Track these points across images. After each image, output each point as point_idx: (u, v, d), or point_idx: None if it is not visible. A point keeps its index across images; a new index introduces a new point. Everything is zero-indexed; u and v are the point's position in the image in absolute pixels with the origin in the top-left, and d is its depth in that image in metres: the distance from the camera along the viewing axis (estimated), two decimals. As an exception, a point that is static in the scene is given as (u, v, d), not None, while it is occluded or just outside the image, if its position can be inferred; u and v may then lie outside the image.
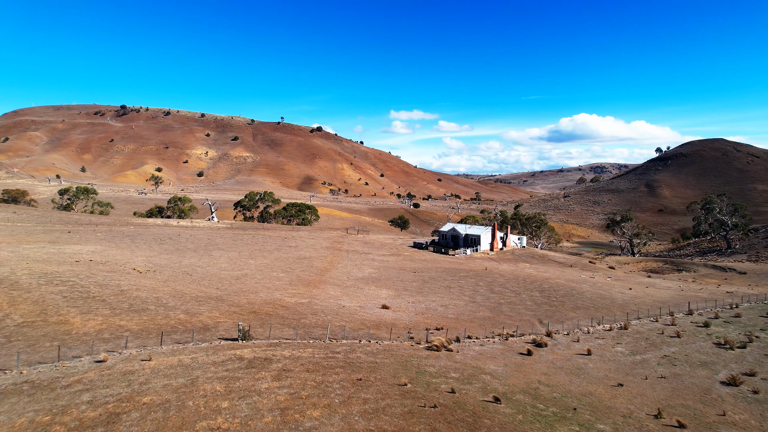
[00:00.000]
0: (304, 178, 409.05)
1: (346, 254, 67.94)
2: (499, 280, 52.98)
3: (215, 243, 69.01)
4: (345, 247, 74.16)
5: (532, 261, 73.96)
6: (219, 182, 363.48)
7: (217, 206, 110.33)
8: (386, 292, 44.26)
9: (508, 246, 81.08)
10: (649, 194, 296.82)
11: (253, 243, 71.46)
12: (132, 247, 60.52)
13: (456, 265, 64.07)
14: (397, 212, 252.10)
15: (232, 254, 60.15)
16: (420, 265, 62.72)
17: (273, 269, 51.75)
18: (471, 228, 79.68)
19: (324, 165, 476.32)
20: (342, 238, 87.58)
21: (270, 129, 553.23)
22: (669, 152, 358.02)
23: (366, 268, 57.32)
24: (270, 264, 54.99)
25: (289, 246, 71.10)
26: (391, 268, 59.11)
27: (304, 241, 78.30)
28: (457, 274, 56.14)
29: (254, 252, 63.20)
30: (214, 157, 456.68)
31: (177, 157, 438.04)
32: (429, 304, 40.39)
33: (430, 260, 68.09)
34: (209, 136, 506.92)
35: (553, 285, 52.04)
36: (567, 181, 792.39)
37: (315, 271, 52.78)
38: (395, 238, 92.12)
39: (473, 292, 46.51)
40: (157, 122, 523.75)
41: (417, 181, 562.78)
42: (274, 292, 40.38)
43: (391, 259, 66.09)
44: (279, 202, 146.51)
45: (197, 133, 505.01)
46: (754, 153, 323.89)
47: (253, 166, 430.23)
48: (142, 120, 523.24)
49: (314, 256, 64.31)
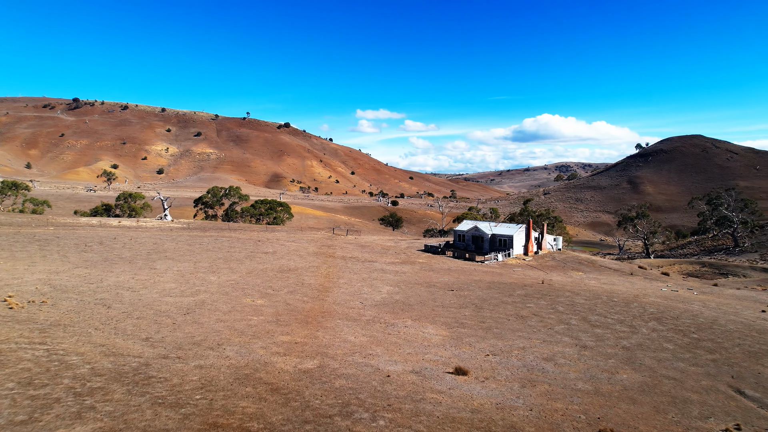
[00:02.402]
0: (271, 176, 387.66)
1: (344, 262, 50.42)
2: (579, 302, 36.59)
3: (163, 249, 50.26)
4: (339, 253, 56.59)
5: (583, 268, 58.16)
6: (180, 179, 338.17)
7: (171, 202, 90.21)
8: (434, 331, 27.07)
9: (543, 248, 65.34)
10: (632, 191, 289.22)
11: (216, 248, 53.10)
12: (35, 257, 41.31)
13: (497, 277, 47.41)
14: (375, 210, 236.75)
15: (184, 266, 41.84)
16: (449, 278, 45.83)
17: (246, 291, 33.86)
18: (498, 227, 63.39)
19: (293, 162, 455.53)
20: (330, 240, 69.96)
21: (235, 125, 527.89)
22: (649, 148, 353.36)
23: (381, 285, 39.94)
24: (240, 282, 36.95)
25: (265, 252, 53.06)
26: (414, 283, 41.89)
27: (283, 244, 60.29)
28: (512, 292, 39.43)
29: (217, 262, 45.00)
30: (176, 153, 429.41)
31: (135, 153, 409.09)
32: (523, 358, 23.36)
33: (456, 269, 51.29)
34: (170, 131, 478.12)
35: (658, 308, 35.96)
36: (534, 180, 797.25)
37: (310, 293, 35.12)
38: (396, 240, 75.20)
39: (565, 326, 29.77)
40: (114, 117, 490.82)
41: (389, 179, 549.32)
42: (251, 343, 22.64)
43: (407, 269, 48.91)
44: (247, 199, 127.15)
45: (157, 128, 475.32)
46: (732, 149, 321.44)
47: (217, 162, 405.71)
48: (97, 114, 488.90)
49: (302, 266, 46.52)
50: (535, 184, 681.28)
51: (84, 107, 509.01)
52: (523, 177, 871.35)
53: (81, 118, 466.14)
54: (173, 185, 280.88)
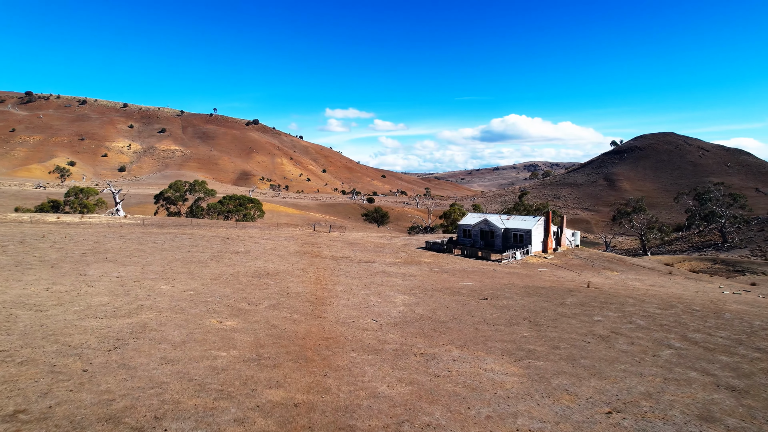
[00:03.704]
0: (240, 173, 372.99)
1: (335, 263, 40.76)
2: (656, 313, 27.94)
3: (104, 250, 39.55)
4: (326, 252, 46.87)
5: (615, 267, 49.96)
6: (143, 177, 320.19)
7: (124, 195, 78.22)
8: (499, 367, 17.86)
9: (563, 245, 57.20)
10: (609, 188, 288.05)
11: (173, 248, 42.67)
12: None
13: (526, 279, 38.53)
14: (351, 208, 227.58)
15: (128, 271, 31.49)
16: (471, 281, 36.70)
17: (210, 306, 23.95)
18: (512, 220, 54.67)
19: (262, 160, 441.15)
20: (312, 237, 60.14)
21: (202, 121, 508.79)
22: (624, 145, 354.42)
23: (391, 292, 30.46)
24: (203, 292, 26.93)
25: (236, 251, 42.95)
26: (432, 289, 32.57)
27: (257, 242, 50.17)
28: (561, 300, 30.49)
29: (173, 265, 34.73)
30: (139, 150, 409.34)
31: (95, 150, 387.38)
32: (668, 417, 14.35)
33: (473, 270, 42.28)
34: (133, 127, 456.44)
35: (762, 320, 27.83)
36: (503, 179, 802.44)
37: (300, 306, 25.41)
38: (388, 237, 65.96)
39: (671, 351, 20.97)
40: (71, 111, 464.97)
41: (361, 177, 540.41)
42: (216, 409, 12.86)
43: (415, 271, 39.61)
44: (214, 194, 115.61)
45: (119, 124, 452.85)
46: (703, 147, 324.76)
47: (182, 160, 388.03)
48: (53, 109, 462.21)
49: (283, 268, 36.67)
50: (505, 183, 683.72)
51: (38, 101, 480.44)
52: (493, 176, 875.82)
53: (34, 112, 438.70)
54: (135, 182, 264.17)
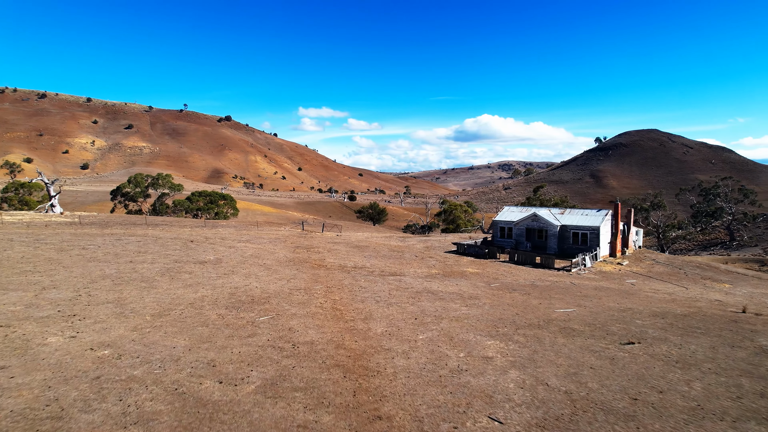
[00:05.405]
0: (212, 171, 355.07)
1: (350, 278, 27.86)
2: None
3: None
4: (330, 260, 33.92)
5: (713, 275, 38.38)
6: (106, 174, 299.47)
7: (61, 186, 63.12)
8: None
9: (629, 247, 45.62)
10: (596, 185, 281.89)
11: (108, 256, 29.01)
12: None
13: (639, 301, 25.93)
14: (331, 206, 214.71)
15: (5, 300, 18.15)
16: (567, 305, 24.16)
17: (128, 402, 11.01)
18: (567, 215, 42.55)
19: (235, 157, 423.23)
20: (304, 239, 47.04)
21: (171, 117, 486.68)
22: (608, 142, 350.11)
23: (471, 337, 17.69)
24: (127, 353, 13.59)
25: (202, 261, 29.65)
26: (525, 325, 19.92)
27: (233, 247, 36.88)
28: (737, 340, 18.59)
29: (95, 286, 21.12)
30: (103, 147, 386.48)
31: (55, 146, 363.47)
32: None
33: (547, 286, 29.92)
34: (97, 123, 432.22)
35: None
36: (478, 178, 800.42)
37: (327, 385, 12.52)
38: (399, 238, 53.40)
39: None
40: (29, 106, 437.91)
41: (338, 175, 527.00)
42: None
43: (469, 288, 26.93)
44: (181, 190, 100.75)
45: (81, 119, 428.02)
46: (687, 144, 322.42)
47: (151, 157, 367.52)
48: (8, 102, 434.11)
49: (276, 289, 23.59)
50: (480, 182, 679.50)
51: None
52: (468, 175, 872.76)
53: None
54: (97, 180, 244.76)
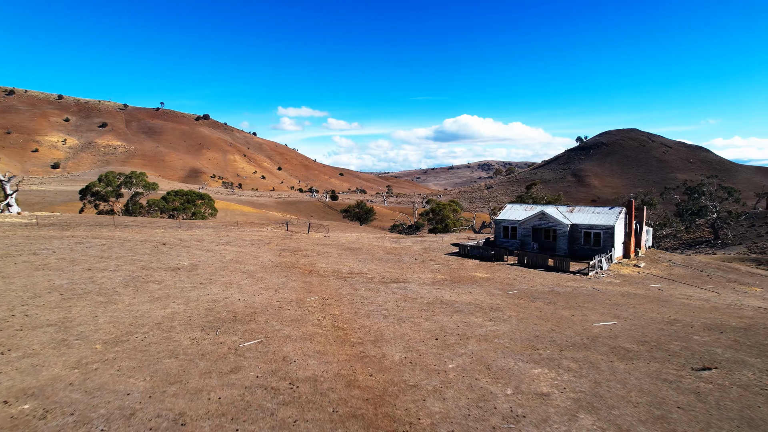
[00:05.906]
0: (189, 171, 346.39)
1: (348, 287, 24.27)
2: None
3: None
4: (322, 264, 30.25)
5: (744, 279, 35.72)
6: (78, 173, 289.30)
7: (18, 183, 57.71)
8: None
9: (642, 247, 42.91)
10: (578, 184, 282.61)
11: (63, 262, 24.72)
12: None
13: (675, 309, 22.94)
14: (313, 206, 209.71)
15: None
16: (602, 316, 20.93)
17: None
18: (577, 213, 39.69)
19: (213, 156, 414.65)
20: (290, 240, 43.17)
21: (147, 115, 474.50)
22: (589, 141, 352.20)
23: (512, 363, 14.28)
24: (57, 407, 10.12)
25: (174, 268, 25.69)
26: (568, 345, 16.59)
27: (211, 250, 32.91)
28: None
29: (39, 301, 16.84)
30: (76, 145, 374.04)
31: (23, 144, 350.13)
32: None
33: (569, 293, 26.61)
34: (69, 121, 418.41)
35: None
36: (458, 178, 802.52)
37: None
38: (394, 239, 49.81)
39: None
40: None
41: (318, 175, 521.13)
42: None
43: (487, 298, 23.43)
44: (156, 189, 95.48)
45: (52, 117, 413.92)
46: (666, 143, 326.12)
47: (126, 156, 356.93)
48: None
49: (262, 301, 19.87)
50: (460, 182, 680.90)
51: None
52: (448, 175, 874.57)
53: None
54: (68, 179, 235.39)
